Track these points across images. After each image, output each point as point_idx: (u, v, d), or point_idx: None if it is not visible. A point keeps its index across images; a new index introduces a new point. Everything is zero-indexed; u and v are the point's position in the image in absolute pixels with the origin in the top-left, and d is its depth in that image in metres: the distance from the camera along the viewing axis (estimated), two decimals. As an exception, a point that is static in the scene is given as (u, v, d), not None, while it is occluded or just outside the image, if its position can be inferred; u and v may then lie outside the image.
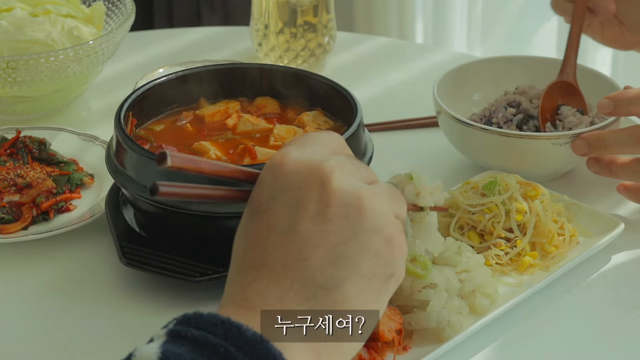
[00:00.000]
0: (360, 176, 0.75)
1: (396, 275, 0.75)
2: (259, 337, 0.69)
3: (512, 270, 1.16)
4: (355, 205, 0.72)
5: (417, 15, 2.89)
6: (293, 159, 0.74)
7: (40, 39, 1.44)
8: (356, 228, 0.72)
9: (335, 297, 0.71)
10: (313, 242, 0.71)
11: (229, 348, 0.67)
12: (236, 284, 0.73)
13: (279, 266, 0.71)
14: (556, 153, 1.28)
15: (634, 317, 1.12)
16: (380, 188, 0.76)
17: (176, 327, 0.70)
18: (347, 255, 0.72)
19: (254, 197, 0.74)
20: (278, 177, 0.73)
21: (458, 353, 1.06)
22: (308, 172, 0.73)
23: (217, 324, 0.69)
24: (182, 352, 0.67)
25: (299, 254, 0.71)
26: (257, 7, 1.63)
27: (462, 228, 1.20)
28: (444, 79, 1.40)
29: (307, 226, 0.72)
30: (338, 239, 0.72)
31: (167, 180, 0.76)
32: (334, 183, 0.72)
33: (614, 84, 1.38)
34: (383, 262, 0.73)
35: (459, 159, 1.38)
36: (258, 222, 0.73)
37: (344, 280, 0.71)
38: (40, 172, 1.29)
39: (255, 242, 0.73)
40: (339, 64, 1.69)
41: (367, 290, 0.72)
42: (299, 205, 0.72)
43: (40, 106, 1.50)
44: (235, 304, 0.72)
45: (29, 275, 1.19)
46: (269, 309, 0.71)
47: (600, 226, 1.21)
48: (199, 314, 0.70)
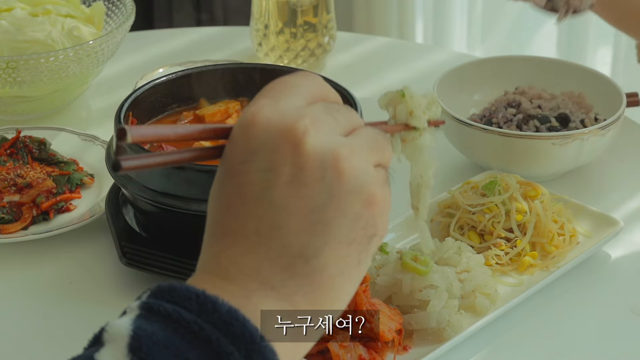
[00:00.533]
0: (338, 128, 0.70)
1: (378, 234, 0.71)
2: (234, 312, 0.66)
3: (512, 270, 1.16)
4: (332, 167, 0.68)
5: (417, 15, 2.89)
6: (265, 118, 0.69)
7: (40, 39, 1.44)
8: (333, 191, 0.68)
9: (313, 265, 0.68)
10: (288, 208, 0.68)
11: (203, 325, 0.65)
12: (211, 250, 0.70)
13: (253, 234, 0.68)
14: (556, 153, 1.28)
15: (633, 317, 1.12)
16: (360, 139, 0.71)
17: (149, 301, 0.67)
18: (325, 221, 0.68)
19: (225, 157, 0.70)
20: (250, 137, 0.69)
21: (458, 353, 1.06)
22: (280, 133, 0.68)
23: (192, 298, 0.66)
24: (154, 329, 0.65)
25: (273, 222, 0.68)
26: (257, 7, 1.63)
27: (462, 228, 1.20)
28: (444, 79, 1.40)
29: (281, 192, 0.68)
30: (314, 204, 0.68)
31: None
32: (307, 145, 0.68)
33: (615, 85, 1.38)
34: (363, 224, 0.69)
35: (459, 159, 1.38)
36: (231, 186, 0.69)
37: (322, 248, 0.68)
38: (40, 172, 1.29)
39: (228, 207, 0.69)
40: (339, 64, 1.69)
41: (347, 255, 0.69)
42: (272, 170, 0.68)
43: (40, 106, 1.50)
44: (210, 272, 0.69)
45: (29, 275, 1.19)
46: (250, 284, 0.67)
47: (600, 226, 1.21)
48: (173, 286, 0.67)
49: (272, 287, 0.68)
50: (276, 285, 0.68)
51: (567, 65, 1.47)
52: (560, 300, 1.14)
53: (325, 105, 0.72)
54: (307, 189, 0.68)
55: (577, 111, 1.39)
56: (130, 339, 0.65)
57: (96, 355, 0.65)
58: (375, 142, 0.72)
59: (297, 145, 0.68)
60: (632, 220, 1.27)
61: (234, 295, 0.67)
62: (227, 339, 0.65)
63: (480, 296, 1.09)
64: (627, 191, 1.34)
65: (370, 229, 0.70)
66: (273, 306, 0.68)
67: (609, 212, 1.25)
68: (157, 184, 1.11)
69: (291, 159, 0.68)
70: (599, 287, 1.17)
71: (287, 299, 0.68)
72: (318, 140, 0.68)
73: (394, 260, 1.10)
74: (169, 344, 0.64)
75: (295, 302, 0.68)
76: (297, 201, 0.68)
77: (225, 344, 0.65)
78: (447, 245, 1.13)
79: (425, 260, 1.08)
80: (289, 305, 0.68)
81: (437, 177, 1.38)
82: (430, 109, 0.84)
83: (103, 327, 0.67)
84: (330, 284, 0.69)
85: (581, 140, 1.27)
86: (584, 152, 1.29)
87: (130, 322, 0.66)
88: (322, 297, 0.69)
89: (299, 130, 0.68)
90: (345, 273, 0.69)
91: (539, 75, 1.45)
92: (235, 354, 0.64)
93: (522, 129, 1.36)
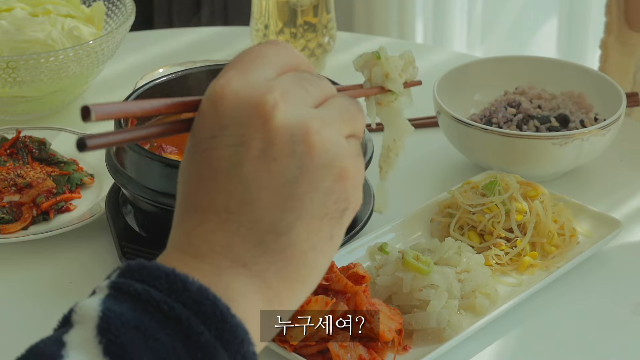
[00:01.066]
0: (309, 99, 0.69)
1: (351, 208, 0.69)
2: (205, 290, 0.64)
3: (512, 270, 1.16)
4: (302, 141, 0.67)
5: (417, 15, 2.89)
6: (234, 91, 0.67)
7: (40, 39, 1.44)
8: (304, 166, 0.67)
9: (284, 241, 0.66)
10: (258, 183, 0.66)
11: (173, 305, 0.63)
12: (181, 227, 0.68)
13: (223, 210, 0.67)
14: (556, 153, 1.28)
15: (633, 317, 1.12)
16: (331, 110, 0.69)
17: (118, 280, 0.65)
18: (296, 196, 0.67)
19: (194, 131, 0.69)
20: (218, 111, 0.68)
21: (458, 353, 1.06)
22: (249, 107, 0.67)
23: (161, 277, 0.65)
24: (123, 310, 0.63)
25: (243, 198, 0.66)
26: (257, 7, 1.63)
27: (462, 228, 1.20)
28: (444, 79, 1.40)
29: (250, 167, 0.66)
30: (285, 179, 0.66)
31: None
32: (277, 119, 0.66)
33: (615, 85, 1.38)
34: (335, 198, 0.68)
35: (459, 159, 1.38)
36: (200, 161, 0.68)
37: (293, 223, 0.67)
38: (40, 172, 1.29)
39: (198, 183, 0.68)
40: (339, 64, 1.69)
41: (320, 230, 0.68)
42: (242, 145, 0.66)
43: (40, 106, 1.50)
44: (180, 250, 0.68)
45: (29, 275, 1.19)
46: (221, 261, 0.66)
47: (600, 226, 1.21)
48: (143, 264, 0.66)
49: (243, 264, 0.66)
50: (248, 263, 0.66)
51: (567, 65, 1.47)
52: (560, 300, 1.14)
53: (295, 76, 0.70)
54: (277, 164, 0.66)
55: (577, 111, 1.39)
56: (99, 320, 0.63)
57: (65, 337, 0.64)
58: (347, 113, 0.70)
59: (267, 119, 0.66)
60: (632, 220, 1.27)
61: (205, 273, 0.66)
62: (197, 319, 0.64)
63: (480, 296, 1.09)
64: (627, 191, 1.34)
65: (342, 203, 0.69)
66: (245, 283, 0.66)
67: (609, 212, 1.25)
68: (157, 184, 1.11)
69: (261, 134, 0.66)
70: (599, 287, 1.17)
71: (259, 275, 0.66)
72: (288, 114, 0.67)
73: (394, 260, 1.10)
74: (138, 325, 0.63)
75: (267, 279, 0.67)
76: (268, 176, 0.66)
77: (195, 324, 0.63)
78: (447, 245, 1.13)
79: (427, 260, 1.08)
80: (261, 283, 0.67)
81: (437, 177, 1.38)
82: (407, 70, 0.82)
83: (72, 308, 0.65)
84: (303, 259, 0.68)
85: (581, 140, 1.27)
86: (584, 152, 1.29)
87: (99, 302, 0.64)
88: (294, 273, 0.67)
89: (268, 104, 0.67)
90: (317, 248, 0.68)
91: (539, 75, 1.45)
92: (205, 334, 0.63)
93: (522, 129, 1.36)
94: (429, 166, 1.39)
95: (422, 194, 1.32)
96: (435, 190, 1.32)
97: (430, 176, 1.38)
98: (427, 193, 1.32)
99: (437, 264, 1.10)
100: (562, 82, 1.44)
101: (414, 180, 1.36)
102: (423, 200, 1.26)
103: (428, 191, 1.33)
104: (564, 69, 1.46)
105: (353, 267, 1.06)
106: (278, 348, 1.02)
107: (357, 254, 1.16)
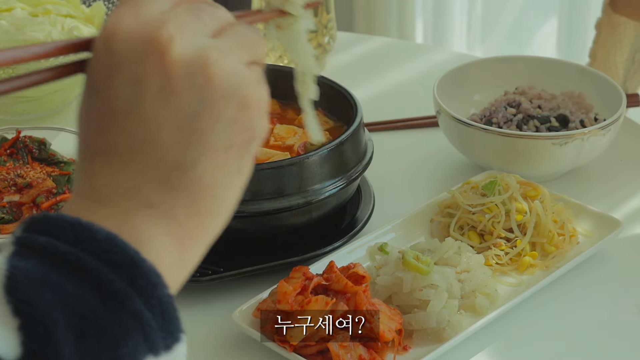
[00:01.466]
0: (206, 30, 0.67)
1: (257, 136, 0.68)
2: (112, 237, 0.62)
3: (512, 270, 1.16)
4: (201, 73, 0.65)
5: (417, 15, 2.89)
6: (126, 28, 0.65)
7: (40, 39, 1.44)
8: (204, 98, 0.65)
9: (190, 177, 0.65)
10: (158, 121, 0.64)
11: (80, 255, 0.62)
12: (83, 173, 0.66)
13: (125, 151, 0.65)
14: (556, 153, 1.28)
15: (634, 317, 1.12)
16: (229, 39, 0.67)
17: (23, 235, 0.63)
18: (199, 130, 0.65)
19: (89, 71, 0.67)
20: (112, 50, 0.65)
21: (458, 353, 1.06)
22: (144, 43, 0.64)
23: (66, 228, 0.63)
24: (29, 266, 0.61)
25: (145, 136, 0.64)
26: (257, 7, 1.63)
27: (462, 228, 1.20)
28: (444, 79, 1.40)
29: (150, 104, 0.64)
30: (186, 114, 0.65)
31: None
32: (173, 53, 0.64)
33: (615, 85, 1.39)
34: (239, 128, 0.66)
35: (459, 159, 1.38)
36: (98, 102, 0.66)
37: (198, 159, 0.65)
38: (40, 172, 1.29)
39: (97, 125, 0.65)
40: (339, 64, 1.69)
41: (226, 162, 0.66)
42: (139, 83, 0.64)
43: (40, 106, 1.50)
44: (85, 197, 0.65)
45: (29, 275, 1.19)
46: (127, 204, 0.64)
47: (600, 226, 1.21)
48: (46, 216, 0.64)
49: (150, 204, 0.65)
50: (155, 203, 0.65)
51: (567, 65, 1.47)
52: (560, 300, 1.14)
53: (190, 7, 0.68)
54: (176, 99, 0.65)
55: (577, 111, 1.39)
56: (6, 279, 0.61)
57: None
58: (246, 40, 0.68)
59: (163, 54, 0.64)
60: (632, 220, 1.27)
61: (112, 218, 0.64)
62: (106, 267, 0.62)
63: (480, 296, 1.09)
64: (627, 191, 1.34)
65: (247, 133, 0.67)
66: (153, 225, 0.65)
67: (609, 212, 1.25)
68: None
69: (158, 70, 0.65)
70: (599, 287, 1.17)
71: (167, 214, 0.65)
72: (184, 47, 0.65)
73: (394, 260, 1.10)
74: (45, 280, 0.61)
75: (175, 217, 0.65)
76: (168, 112, 0.65)
77: (105, 272, 0.62)
78: (447, 245, 1.13)
79: (427, 260, 1.08)
80: (170, 221, 0.65)
81: (437, 177, 1.38)
82: None
83: None
84: (211, 193, 0.66)
85: (581, 140, 1.27)
86: (584, 152, 1.29)
87: (5, 261, 0.62)
88: (203, 208, 0.66)
89: (163, 38, 0.65)
90: (225, 181, 0.67)
91: (539, 75, 1.45)
92: (117, 282, 0.62)
93: (522, 129, 1.36)
94: (429, 166, 1.39)
95: (422, 194, 1.32)
96: (435, 190, 1.32)
97: (430, 176, 1.38)
98: (427, 193, 1.32)
99: (437, 264, 1.10)
100: (562, 82, 1.44)
101: (414, 180, 1.36)
102: (423, 200, 1.26)
103: (428, 191, 1.33)
104: (564, 69, 1.46)
105: (353, 267, 1.06)
106: (278, 348, 1.02)
107: (357, 254, 1.16)
